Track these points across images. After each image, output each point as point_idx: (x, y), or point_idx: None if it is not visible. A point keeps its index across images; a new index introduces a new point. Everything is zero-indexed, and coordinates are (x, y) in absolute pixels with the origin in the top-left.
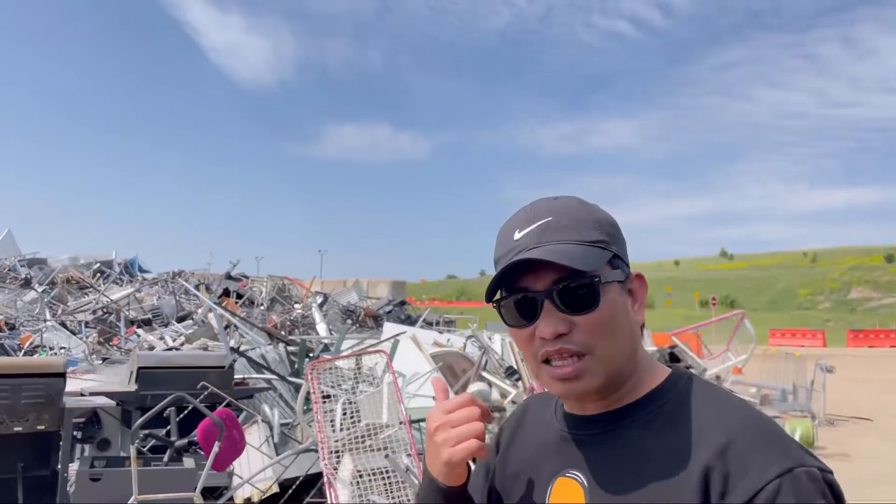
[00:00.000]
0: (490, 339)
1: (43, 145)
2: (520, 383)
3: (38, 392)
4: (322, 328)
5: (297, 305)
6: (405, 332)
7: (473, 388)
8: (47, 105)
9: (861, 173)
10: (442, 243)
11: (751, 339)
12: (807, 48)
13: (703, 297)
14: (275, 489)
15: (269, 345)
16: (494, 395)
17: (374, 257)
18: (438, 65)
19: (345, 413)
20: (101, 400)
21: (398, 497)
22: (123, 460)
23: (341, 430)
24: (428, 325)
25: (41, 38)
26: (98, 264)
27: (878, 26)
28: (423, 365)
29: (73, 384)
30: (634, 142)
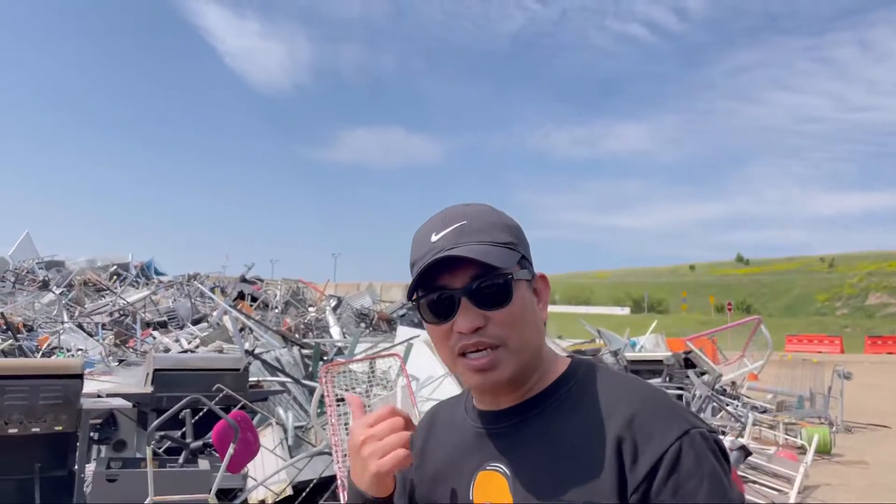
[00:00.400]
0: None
1: (61, 149)
2: None
3: (55, 393)
4: (336, 331)
5: (311, 309)
6: (419, 336)
7: None
8: (66, 110)
9: (879, 178)
10: None
11: (767, 345)
12: (823, 51)
13: (718, 302)
14: (289, 492)
15: (284, 348)
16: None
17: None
18: (451, 68)
19: None
20: (118, 401)
21: None
22: (139, 461)
23: None
24: None
25: (58, 44)
26: (115, 267)
27: None
28: (437, 368)
29: (89, 385)
30: (648, 146)
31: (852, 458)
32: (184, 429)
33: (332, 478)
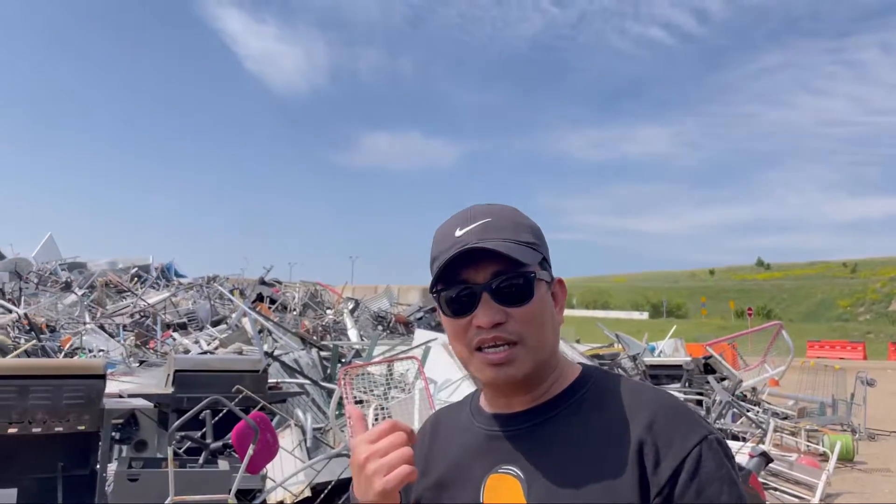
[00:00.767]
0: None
1: (84, 153)
2: None
3: (78, 393)
4: (353, 334)
5: (328, 311)
6: (436, 339)
7: None
8: (90, 115)
9: None
10: None
11: (788, 351)
12: (845, 54)
13: (738, 307)
14: (307, 493)
15: (302, 350)
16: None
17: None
18: (469, 72)
19: (377, 418)
20: (139, 402)
21: None
22: (160, 461)
23: None
24: None
25: (81, 49)
26: (136, 269)
27: None
28: (454, 372)
29: (111, 386)
30: (668, 149)
31: (875, 465)
32: (204, 429)
33: (351, 479)
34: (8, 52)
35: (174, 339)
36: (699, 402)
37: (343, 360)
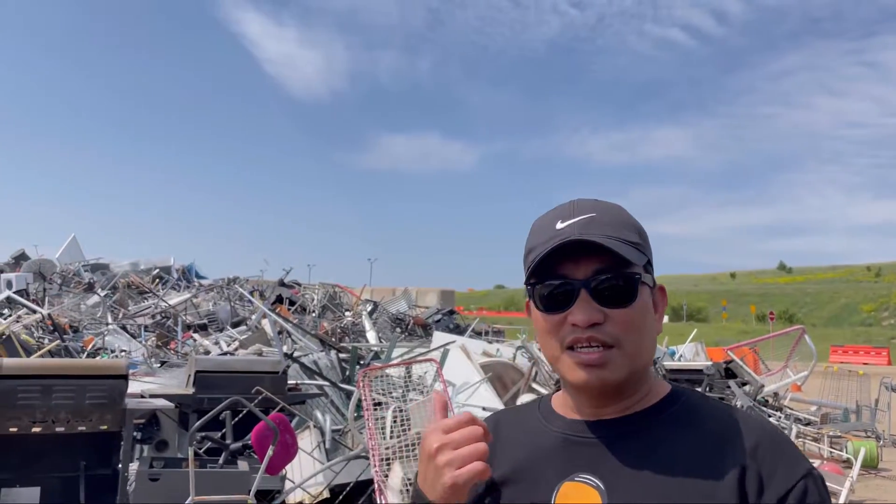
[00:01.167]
0: (540, 350)
1: (106, 156)
2: None
3: (101, 393)
4: (372, 336)
5: (347, 313)
6: (454, 342)
7: (523, 399)
8: (112, 118)
9: None
10: (490, 253)
11: (811, 356)
12: (867, 55)
13: (760, 311)
14: (325, 494)
15: (321, 351)
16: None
17: (423, 266)
18: (488, 74)
19: (395, 421)
20: (161, 402)
21: None
22: (181, 461)
23: (391, 437)
24: (477, 334)
25: (103, 52)
26: (157, 270)
27: None
28: (473, 375)
29: (133, 386)
30: (688, 151)
31: None
32: (224, 430)
33: (369, 482)
34: (32, 56)
35: (194, 340)
36: None
37: (362, 362)
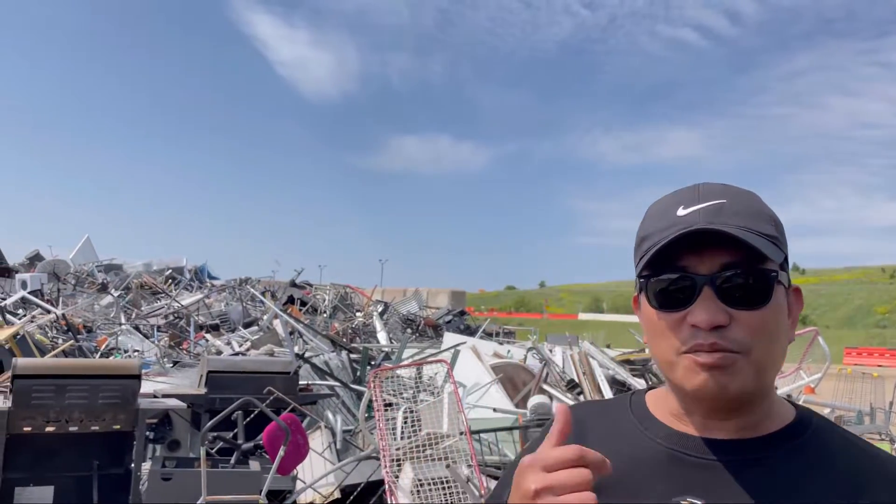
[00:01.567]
0: (551, 351)
1: (119, 157)
2: (581, 398)
3: (114, 393)
4: (383, 336)
5: (358, 314)
6: (465, 343)
7: (534, 401)
8: (125, 120)
9: None
10: (500, 254)
11: (824, 358)
12: (881, 55)
13: None
14: (336, 495)
15: (332, 352)
16: (555, 409)
17: (434, 267)
18: (499, 76)
19: (406, 421)
20: (173, 402)
21: None
22: (193, 461)
23: (402, 438)
24: (487, 335)
25: (114, 53)
26: (170, 271)
27: None
28: (484, 376)
29: (146, 386)
30: (700, 152)
31: None
32: (235, 430)
33: (380, 482)
34: (48, 57)
35: (207, 341)
36: None
37: (372, 363)
